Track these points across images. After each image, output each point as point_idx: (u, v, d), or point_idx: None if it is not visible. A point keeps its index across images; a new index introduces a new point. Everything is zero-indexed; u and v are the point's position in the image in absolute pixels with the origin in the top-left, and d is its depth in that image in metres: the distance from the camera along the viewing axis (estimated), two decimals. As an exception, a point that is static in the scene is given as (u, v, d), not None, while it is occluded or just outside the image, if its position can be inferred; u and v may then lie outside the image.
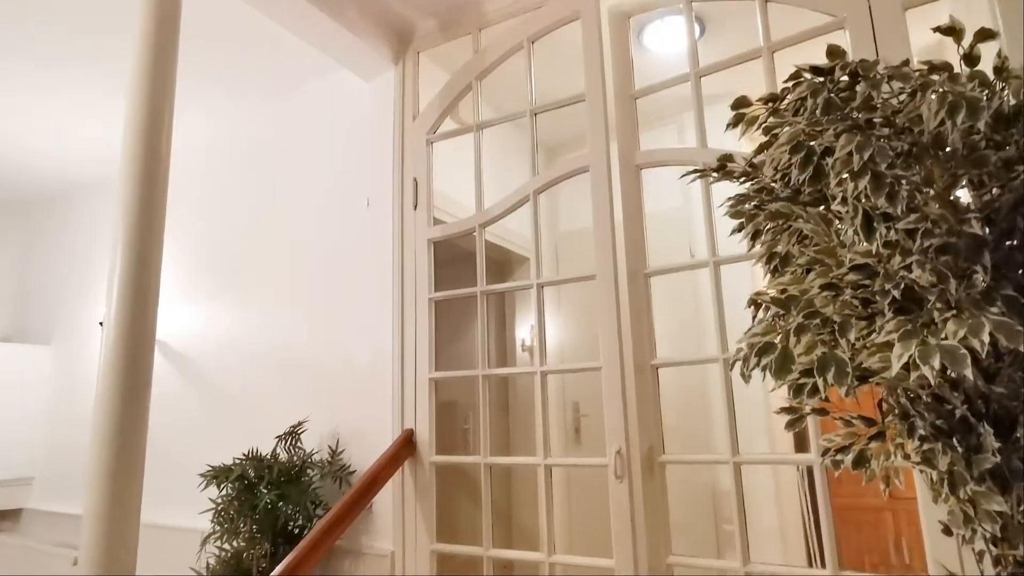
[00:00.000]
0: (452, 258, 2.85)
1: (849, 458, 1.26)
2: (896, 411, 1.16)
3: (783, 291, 1.02)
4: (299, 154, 3.14)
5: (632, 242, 2.20)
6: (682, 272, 2.32)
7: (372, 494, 2.30)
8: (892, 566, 3.51)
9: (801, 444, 3.48)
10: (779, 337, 0.97)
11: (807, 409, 1.28)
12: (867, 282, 0.96)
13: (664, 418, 2.14)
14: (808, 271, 1.05)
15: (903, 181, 0.96)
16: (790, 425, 1.31)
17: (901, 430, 1.16)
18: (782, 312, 1.09)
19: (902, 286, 0.91)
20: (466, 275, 2.49)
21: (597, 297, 2.18)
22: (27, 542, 3.73)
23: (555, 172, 2.36)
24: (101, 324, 3.68)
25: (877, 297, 0.95)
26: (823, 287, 0.99)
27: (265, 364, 2.98)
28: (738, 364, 1.33)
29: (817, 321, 0.96)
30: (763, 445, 3.04)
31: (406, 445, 2.40)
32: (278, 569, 1.94)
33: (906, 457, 1.22)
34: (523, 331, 3.78)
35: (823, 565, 1.80)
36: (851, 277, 0.95)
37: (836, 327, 0.94)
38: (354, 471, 2.55)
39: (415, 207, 2.60)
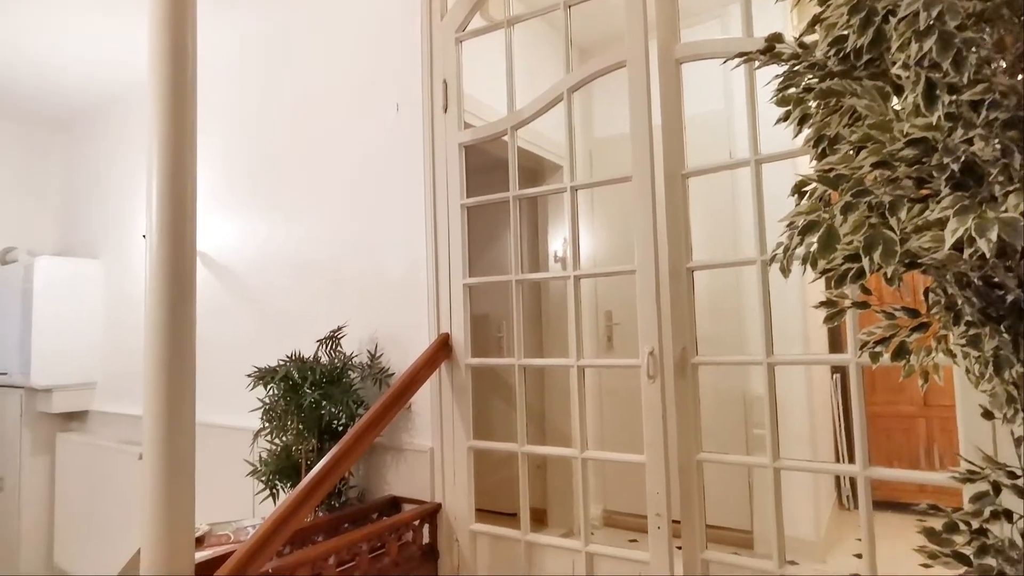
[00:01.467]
0: (483, 167, 2.80)
1: (889, 350, 1.24)
2: (942, 301, 1.12)
3: (830, 171, 0.97)
4: (327, 60, 3.06)
5: (670, 142, 2.12)
6: (720, 175, 2.25)
7: (410, 394, 2.39)
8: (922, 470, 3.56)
9: (835, 348, 3.47)
10: (825, 215, 0.93)
11: (847, 302, 1.26)
12: (924, 158, 0.91)
13: (697, 323, 2.13)
14: (859, 150, 1.00)
15: (972, 46, 0.88)
16: (828, 319, 1.29)
17: (946, 320, 1.13)
18: (828, 195, 1.05)
19: (962, 160, 0.86)
20: (497, 185, 2.46)
21: (633, 199, 2.13)
22: (95, 440, 4.04)
23: (590, 68, 2.25)
24: (144, 237, 3.79)
25: (934, 174, 0.90)
26: (875, 165, 0.94)
27: (303, 272, 3.05)
28: (779, 256, 1.30)
29: (866, 201, 0.92)
30: (797, 351, 3.03)
31: (442, 348, 2.46)
32: (324, 461, 2.06)
33: (947, 352, 1.19)
34: (556, 243, 3.76)
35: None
36: (907, 152, 0.90)
37: (887, 206, 0.90)
38: (392, 374, 2.64)
39: (445, 110, 2.54)
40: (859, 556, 3.01)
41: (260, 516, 2.98)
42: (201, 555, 1.93)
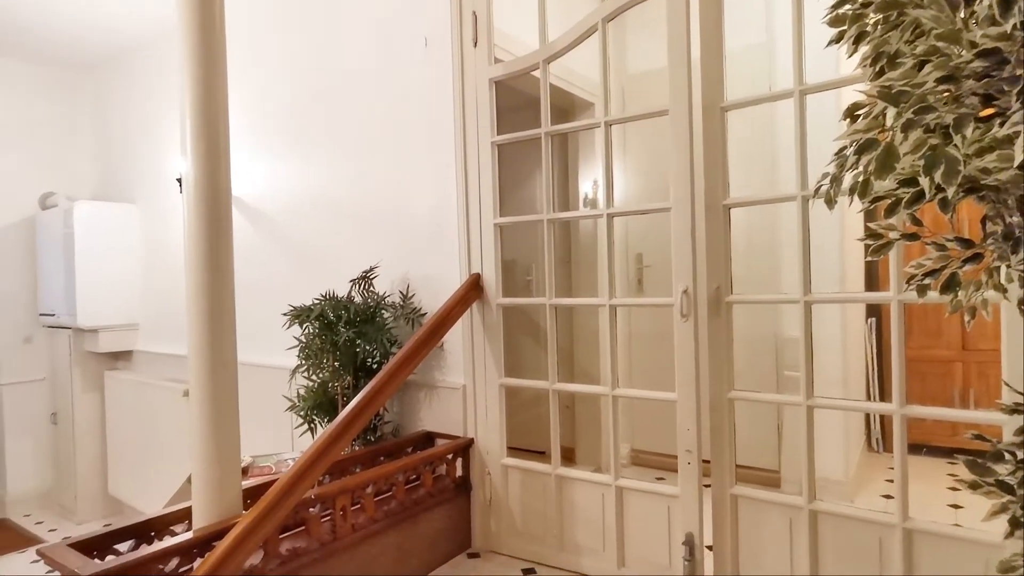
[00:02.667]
0: (511, 107, 2.74)
1: (938, 283, 1.20)
2: (1000, 229, 1.08)
3: (890, 87, 0.92)
4: (351, -6, 2.98)
5: (709, 74, 2.04)
6: (758, 110, 2.16)
7: (443, 333, 2.42)
8: (955, 416, 3.52)
9: (872, 290, 3.40)
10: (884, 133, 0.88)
11: (895, 234, 1.21)
12: (994, 72, 0.85)
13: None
14: (922, 65, 0.94)
15: (1056, -54, 0.81)
16: (874, 252, 1.25)
17: (1002, 250, 1.09)
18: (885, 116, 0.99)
19: (1037, 72, 0.80)
20: (526, 125, 2.41)
21: (669, 134, 2.06)
22: (141, 378, 4.21)
23: (626, -4, 2.15)
24: (178, 180, 3.83)
25: (1004, 88, 0.84)
26: (940, 80, 0.88)
27: (335, 214, 3.06)
28: (824, 188, 1.25)
29: (928, 121, 0.87)
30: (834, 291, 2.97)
31: (473, 288, 2.47)
32: (359, 397, 2.11)
33: (998, 287, 1.15)
34: (585, 186, 3.69)
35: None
36: (976, 65, 0.84)
37: (950, 124, 0.85)
38: (424, 313, 2.67)
39: (475, 44, 2.47)
40: (888, 496, 3.03)
41: (299, 450, 3.10)
42: (246, 483, 2.02)
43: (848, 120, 1.13)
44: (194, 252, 1.84)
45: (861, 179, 1.09)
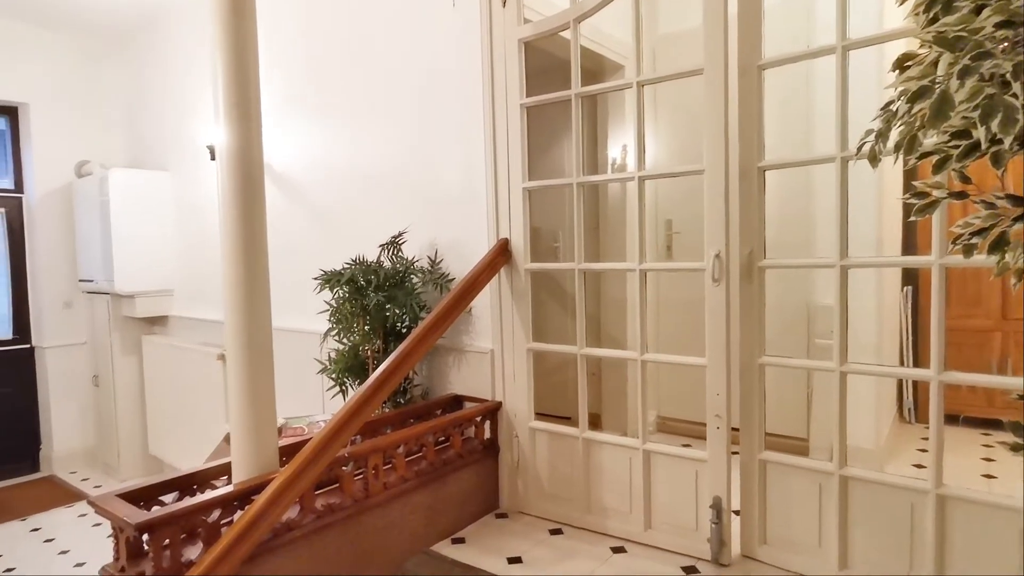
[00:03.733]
0: (540, 69, 2.68)
1: (986, 243, 1.16)
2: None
3: (945, 33, 0.88)
4: (378, -46, 2.93)
5: (746, 31, 1.97)
6: (794, 69, 2.09)
7: (471, 297, 2.43)
8: (991, 387, 3.45)
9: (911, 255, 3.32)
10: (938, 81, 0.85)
11: (942, 192, 1.18)
12: (1059, 14, 0.80)
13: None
14: (979, 10, 0.89)
15: None
16: (919, 211, 1.21)
17: (1057, 208, 1.05)
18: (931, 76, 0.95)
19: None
20: (554, 88, 2.37)
21: (703, 94, 2.01)
22: (176, 342, 4.32)
23: (661, -50, 2.08)
24: (209, 148, 3.87)
25: (1070, 30, 0.80)
26: (999, 25, 0.84)
27: (363, 179, 3.07)
28: (868, 144, 1.22)
29: (986, 66, 0.83)
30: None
31: (502, 253, 2.47)
32: (390, 359, 2.14)
33: (1049, 249, 1.11)
34: (614, 150, 3.64)
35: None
36: (1040, 7, 0.80)
37: (1010, 70, 0.81)
38: (452, 279, 2.68)
39: (504, 4, 2.42)
40: (919, 466, 2.99)
41: (330, 412, 3.17)
42: (281, 443, 2.08)
43: (897, 72, 1.09)
44: (228, 219, 1.87)
45: (909, 134, 1.06)
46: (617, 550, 2.22)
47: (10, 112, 4.58)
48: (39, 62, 4.55)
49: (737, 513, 2.11)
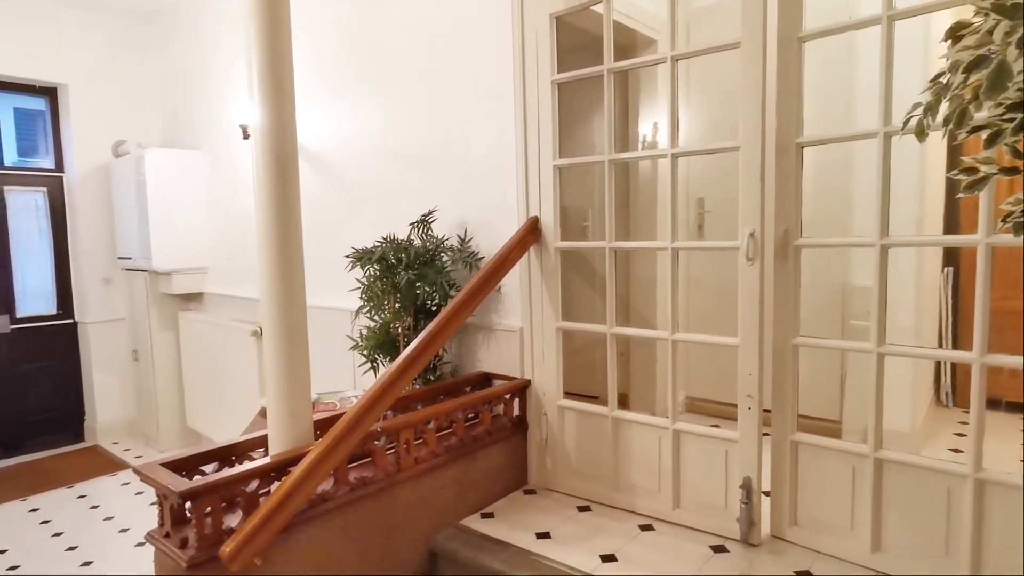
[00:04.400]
0: (570, 46, 2.64)
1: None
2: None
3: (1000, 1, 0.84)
4: (407, -71, 2.90)
5: (786, 1, 1.91)
6: (836, 40, 2.01)
7: (501, 276, 2.43)
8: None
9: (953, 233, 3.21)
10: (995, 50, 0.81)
11: (992, 168, 1.13)
12: None
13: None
14: (1043, -25, 0.85)
15: None
16: (968, 188, 1.17)
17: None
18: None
19: None
20: (585, 64, 2.32)
21: (741, 68, 1.96)
22: (211, 318, 4.43)
23: (698, -82, 2.01)
24: (241, 127, 3.91)
25: None
26: (1065, -11, 0.80)
27: (393, 157, 3.08)
28: (915, 119, 1.17)
29: (1048, 33, 0.79)
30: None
31: (531, 231, 2.46)
32: (421, 337, 2.16)
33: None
34: (645, 127, 3.58)
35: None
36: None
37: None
38: (482, 257, 2.68)
39: (535, -23, 2.37)
40: (956, 451, 2.93)
41: (361, 388, 3.23)
42: (314, 417, 2.12)
43: (950, 42, 1.05)
44: (264, 198, 1.89)
45: (959, 107, 1.02)
46: (645, 528, 2.23)
47: (50, 93, 4.68)
48: (77, 43, 4.63)
49: (767, 494, 2.10)
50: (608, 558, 2.03)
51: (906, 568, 1.85)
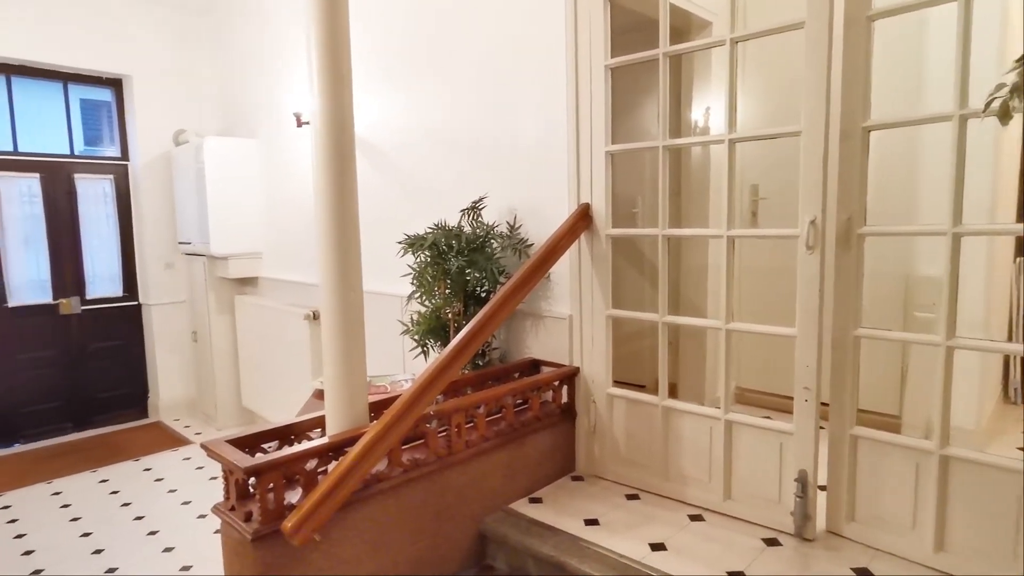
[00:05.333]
0: (620, 29, 2.59)
1: None
2: None
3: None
4: (459, -86, 2.89)
5: (854, -22, 1.83)
6: (905, 18, 1.92)
7: (551, 263, 2.43)
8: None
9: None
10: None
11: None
12: None
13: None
14: None
15: None
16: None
17: None
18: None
19: None
20: (636, 48, 2.28)
21: (805, 49, 1.89)
22: (266, 302, 4.57)
23: None
24: (295, 115, 3.99)
25: None
26: None
27: (444, 144, 3.10)
28: (996, 103, 1.12)
29: None
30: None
31: (582, 218, 2.45)
32: (473, 323, 2.18)
33: None
34: (696, 113, 3.50)
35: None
36: None
37: None
38: (531, 244, 2.68)
39: (589, -40, 2.34)
40: (1025, 449, 2.80)
41: (410, 371, 3.29)
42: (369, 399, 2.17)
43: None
44: (322, 185, 1.94)
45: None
46: (695, 518, 2.21)
47: (115, 84, 4.88)
48: (140, 36, 4.80)
49: (822, 488, 2.05)
50: (657, 547, 2.02)
51: (970, 569, 1.78)
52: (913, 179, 2.62)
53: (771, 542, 2.03)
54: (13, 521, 3.39)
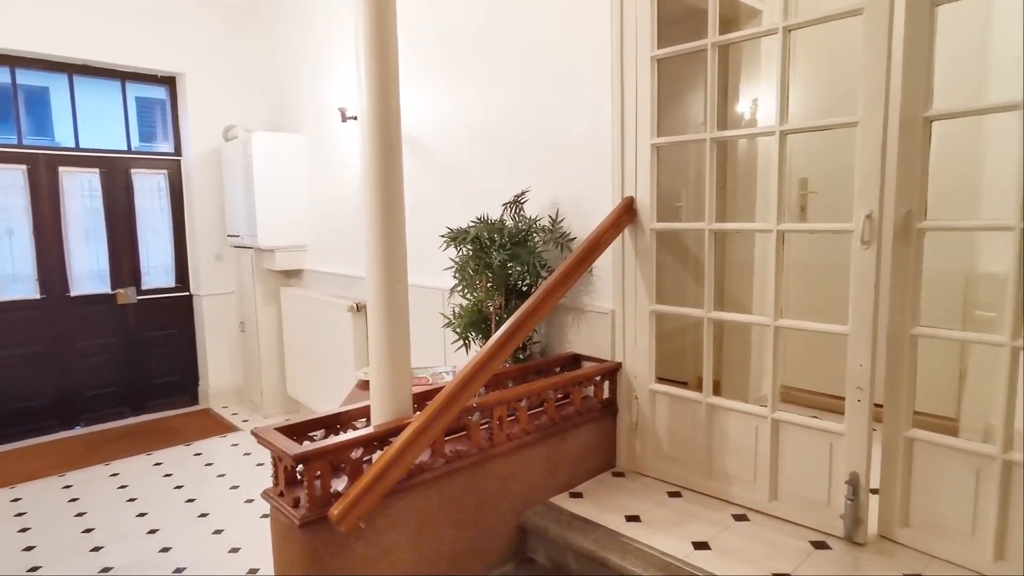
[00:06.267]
0: (670, 19, 2.54)
1: None
2: None
3: None
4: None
5: (917, -39, 1.76)
6: (970, 3, 1.83)
7: (594, 257, 2.41)
8: None
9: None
10: None
11: None
12: None
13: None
14: None
15: None
16: None
17: None
18: None
19: None
20: (682, 39, 2.23)
21: (863, 36, 1.82)
22: (311, 293, 4.67)
23: None
24: (339, 110, 4.06)
25: None
26: None
27: (486, 138, 3.10)
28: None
29: None
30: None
31: (626, 212, 2.42)
32: (515, 316, 2.19)
33: None
34: (743, 105, 3.41)
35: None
36: None
37: None
38: (574, 238, 2.67)
39: (636, -51, 2.30)
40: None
41: (451, 364, 3.31)
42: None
43: None
44: (370, 179, 1.96)
45: None
46: (739, 518, 2.17)
47: (170, 82, 5.05)
48: (195, 35, 4.95)
49: (874, 492, 1.99)
50: (701, 545, 1.99)
51: (1035, 580, 1.70)
52: (974, 172, 2.50)
53: (819, 545, 1.98)
54: (74, 500, 3.57)
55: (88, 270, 4.82)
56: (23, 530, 3.22)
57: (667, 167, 3.28)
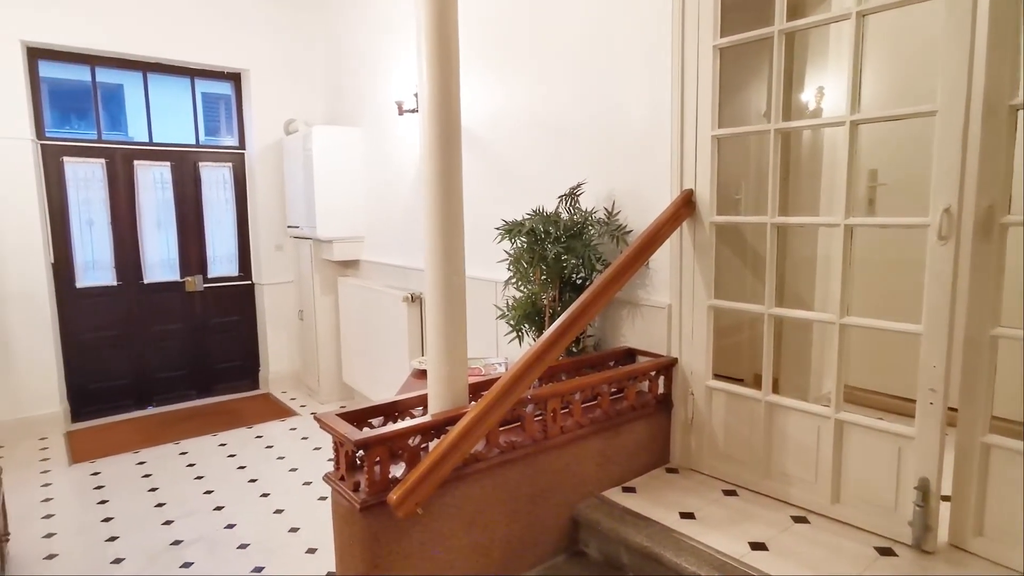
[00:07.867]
0: (731, 5, 2.47)
1: None
2: None
3: None
4: None
5: (1007, -62, 1.65)
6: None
7: (652, 251, 2.38)
8: None
9: None
10: None
11: None
12: None
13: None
14: None
15: None
16: None
17: None
18: None
19: None
20: (740, 25, 2.16)
21: (943, 20, 1.73)
22: (367, 283, 4.77)
23: None
24: (396, 103, 4.12)
25: None
26: None
27: (542, 130, 3.10)
28: None
29: None
30: None
31: (685, 205, 2.38)
32: (571, 310, 2.18)
33: None
34: (807, 94, 3.29)
35: None
36: None
37: None
38: (630, 231, 2.64)
39: (700, -65, 2.24)
40: None
41: (504, 355, 3.34)
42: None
43: None
44: (429, 171, 1.99)
45: None
46: (799, 519, 2.12)
47: (234, 78, 5.23)
48: (259, 32, 5.12)
49: (946, 499, 1.90)
50: (758, 546, 1.95)
51: (1126, 599, 1.60)
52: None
53: (885, 551, 1.91)
54: (147, 476, 3.78)
55: (160, 259, 5.07)
56: (102, 502, 3.43)
57: (725, 158, 3.20)
